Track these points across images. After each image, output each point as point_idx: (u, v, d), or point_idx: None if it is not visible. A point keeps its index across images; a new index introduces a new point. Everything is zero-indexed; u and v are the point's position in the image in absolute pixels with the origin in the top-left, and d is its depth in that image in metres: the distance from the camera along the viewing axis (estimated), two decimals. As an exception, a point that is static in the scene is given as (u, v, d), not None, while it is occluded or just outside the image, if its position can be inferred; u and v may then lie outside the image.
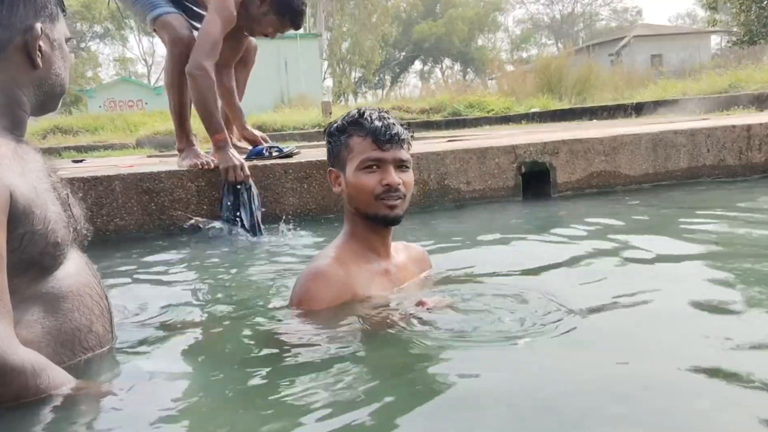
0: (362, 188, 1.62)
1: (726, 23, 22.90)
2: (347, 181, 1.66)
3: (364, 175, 1.62)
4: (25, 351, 1.12)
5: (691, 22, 48.60)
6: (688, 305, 1.60)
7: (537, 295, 1.67)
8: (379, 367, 1.32)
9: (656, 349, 1.35)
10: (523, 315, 1.52)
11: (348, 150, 1.65)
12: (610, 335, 1.45)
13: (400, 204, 1.64)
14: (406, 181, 1.65)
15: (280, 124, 12.14)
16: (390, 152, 1.62)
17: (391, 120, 1.66)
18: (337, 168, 1.70)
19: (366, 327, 1.50)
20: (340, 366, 1.30)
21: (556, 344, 1.36)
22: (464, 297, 1.68)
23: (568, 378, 1.21)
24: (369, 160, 1.61)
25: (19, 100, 1.30)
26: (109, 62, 44.95)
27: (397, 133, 1.63)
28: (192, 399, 1.22)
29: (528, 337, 1.38)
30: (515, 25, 53.67)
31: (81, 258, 1.36)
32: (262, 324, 1.63)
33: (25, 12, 1.28)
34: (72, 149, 11.33)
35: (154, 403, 1.17)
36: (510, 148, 3.68)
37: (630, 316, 1.58)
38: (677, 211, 3.15)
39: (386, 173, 1.61)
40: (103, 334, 1.34)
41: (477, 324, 1.46)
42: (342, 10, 35.18)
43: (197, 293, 2.07)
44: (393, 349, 1.42)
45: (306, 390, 1.19)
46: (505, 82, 17.50)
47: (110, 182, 3.08)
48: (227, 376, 1.32)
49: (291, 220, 3.12)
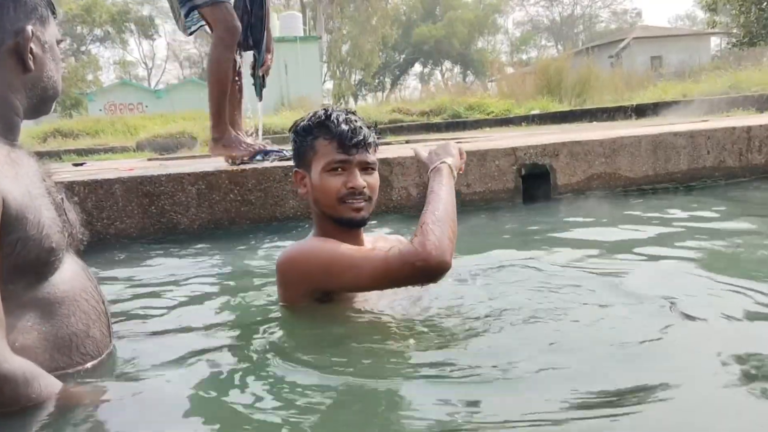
0: (327, 190, 1.62)
1: (726, 25, 22.88)
2: (312, 182, 1.65)
3: (329, 177, 1.62)
4: (17, 359, 1.10)
5: (691, 23, 48.61)
6: (689, 306, 1.60)
7: (531, 297, 1.67)
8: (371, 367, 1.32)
9: (654, 352, 1.35)
10: (514, 316, 1.52)
11: (313, 151, 1.64)
12: (607, 337, 1.45)
13: (366, 206, 1.64)
14: (371, 183, 1.64)
15: (280, 127, 12.14)
16: (356, 156, 1.61)
17: (358, 123, 1.64)
18: (302, 169, 1.70)
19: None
20: (339, 366, 1.30)
21: (553, 346, 1.36)
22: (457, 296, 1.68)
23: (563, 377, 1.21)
24: (334, 163, 1.61)
25: (12, 104, 1.29)
26: (110, 65, 45.03)
27: (364, 138, 1.62)
28: (191, 404, 1.22)
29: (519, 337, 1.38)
30: (515, 27, 53.77)
31: (77, 263, 1.35)
32: (261, 327, 1.63)
33: (16, 14, 1.27)
34: (72, 152, 11.32)
35: (152, 410, 1.16)
36: (510, 150, 3.68)
37: (626, 319, 1.58)
38: (677, 213, 3.15)
39: (351, 176, 1.61)
40: (100, 339, 1.33)
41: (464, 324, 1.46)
42: (342, 12, 35.21)
43: (197, 297, 2.07)
44: (387, 346, 1.42)
45: (305, 391, 1.19)
46: (504, 84, 17.52)
47: (110, 185, 3.08)
48: (226, 380, 1.31)
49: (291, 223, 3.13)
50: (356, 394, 1.18)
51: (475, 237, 2.77)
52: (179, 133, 11.97)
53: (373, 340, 1.47)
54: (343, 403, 1.15)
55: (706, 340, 1.39)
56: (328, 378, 1.26)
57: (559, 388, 1.16)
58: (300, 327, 1.57)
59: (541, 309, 1.63)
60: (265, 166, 3.34)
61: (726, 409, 1.08)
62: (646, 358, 1.31)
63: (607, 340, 1.43)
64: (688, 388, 1.15)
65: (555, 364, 1.29)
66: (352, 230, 1.67)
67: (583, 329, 1.50)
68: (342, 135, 1.60)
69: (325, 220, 1.68)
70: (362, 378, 1.26)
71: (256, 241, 2.97)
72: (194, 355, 1.50)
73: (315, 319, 1.58)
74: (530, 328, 1.51)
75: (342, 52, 36.71)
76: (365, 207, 1.64)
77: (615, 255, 2.31)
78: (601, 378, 1.22)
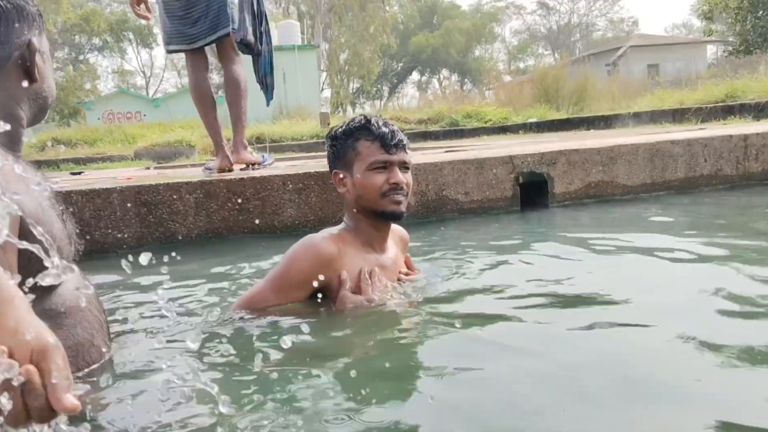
0: (371, 187, 1.77)
1: (722, 33, 23.00)
2: (355, 180, 1.80)
3: (373, 174, 1.77)
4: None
5: (687, 32, 48.90)
6: (686, 314, 1.60)
7: (526, 304, 1.66)
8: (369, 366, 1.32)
9: (653, 357, 1.35)
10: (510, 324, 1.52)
11: (355, 153, 1.80)
12: (605, 343, 1.45)
13: (404, 201, 1.80)
14: (408, 180, 1.82)
15: (278, 135, 12.16)
16: (396, 155, 1.78)
17: (394, 127, 1.82)
18: (342, 170, 1.84)
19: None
20: (337, 366, 1.30)
21: (550, 351, 1.36)
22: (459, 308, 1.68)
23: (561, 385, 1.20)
24: (378, 162, 1.77)
25: (17, 116, 1.30)
26: (108, 74, 45.15)
27: (402, 139, 1.80)
28: (191, 407, 1.21)
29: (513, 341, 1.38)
30: (512, 35, 54.04)
31: (79, 273, 1.35)
32: (260, 332, 1.63)
33: (20, 27, 1.28)
34: (70, 161, 11.33)
35: (151, 414, 1.16)
36: (508, 158, 3.69)
37: (623, 328, 1.58)
38: (675, 221, 3.15)
39: (393, 173, 1.78)
40: (103, 347, 1.35)
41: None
42: (340, 21, 35.31)
43: (195, 305, 2.07)
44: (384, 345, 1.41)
45: (305, 392, 1.19)
46: (502, 93, 17.57)
47: (108, 195, 3.08)
48: (225, 384, 1.31)
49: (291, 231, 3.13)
50: (357, 394, 1.18)
51: (471, 245, 2.77)
52: (177, 141, 11.98)
53: (371, 341, 1.47)
54: (343, 403, 1.15)
55: (705, 350, 1.39)
56: (328, 379, 1.26)
57: (546, 396, 1.16)
58: (298, 329, 1.57)
59: (537, 318, 1.63)
60: (263, 174, 3.35)
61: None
62: (641, 371, 1.31)
63: (603, 347, 1.43)
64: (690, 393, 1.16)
65: (549, 373, 1.28)
66: (383, 226, 1.85)
67: (578, 338, 1.50)
68: (384, 136, 1.77)
69: (360, 216, 1.82)
70: (364, 380, 1.26)
71: (253, 250, 2.97)
72: (192, 360, 1.50)
73: (312, 320, 1.59)
74: (524, 336, 1.51)
75: (340, 60, 36.81)
76: (403, 201, 1.80)
77: (612, 263, 2.31)
78: (598, 385, 1.21)
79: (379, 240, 1.86)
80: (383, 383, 1.28)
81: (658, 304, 1.73)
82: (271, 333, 1.61)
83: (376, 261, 1.82)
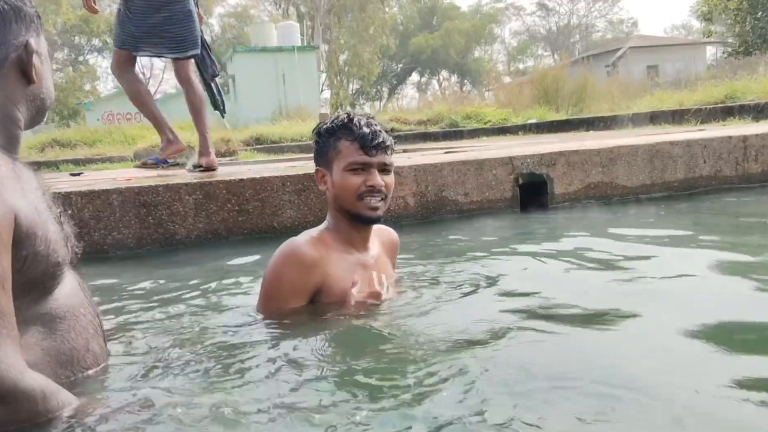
0: (347, 188, 1.74)
1: (721, 34, 23.00)
2: (333, 180, 1.77)
3: (350, 175, 1.74)
4: (35, 375, 1.10)
5: (687, 33, 48.90)
6: (684, 316, 1.60)
7: (526, 305, 1.66)
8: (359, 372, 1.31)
9: (649, 358, 1.35)
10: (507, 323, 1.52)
11: (336, 152, 1.77)
12: (602, 345, 1.45)
13: (381, 205, 1.77)
14: (387, 183, 1.78)
15: (278, 136, 12.15)
16: (375, 157, 1.74)
17: (378, 127, 1.77)
18: (323, 167, 1.82)
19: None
20: (334, 370, 1.29)
21: (546, 352, 1.36)
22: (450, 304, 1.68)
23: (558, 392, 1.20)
24: (356, 164, 1.74)
25: (14, 117, 1.29)
26: (107, 75, 45.02)
27: (383, 141, 1.75)
28: (190, 410, 1.21)
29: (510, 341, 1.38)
30: (512, 36, 53.99)
31: (74, 277, 1.34)
32: (258, 337, 1.63)
33: (18, 28, 1.27)
34: (70, 162, 11.30)
35: (150, 418, 1.16)
36: (507, 159, 3.69)
37: (620, 328, 1.58)
38: (674, 222, 3.15)
39: (370, 175, 1.74)
40: (99, 352, 1.33)
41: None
42: (339, 22, 35.30)
43: (193, 307, 2.06)
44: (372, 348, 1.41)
45: (303, 395, 1.19)
46: (502, 94, 17.55)
47: (108, 196, 3.07)
48: (224, 387, 1.31)
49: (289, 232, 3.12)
50: (357, 395, 1.18)
51: (471, 246, 2.77)
52: (177, 142, 11.93)
53: (370, 342, 1.47)
54: (343, 404, 1.14)
55: (702, 353, 1.39)
56: (328, 380, 1.26)
57: (551, 398, 1.16)
58: (296, 331, 1.57)
59: (537, 318, 1.63)
60: (263, 176, 3.34)
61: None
62: (636, 372, 1.31)
63: (604, 346, 1.43)
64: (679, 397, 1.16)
65: (551, 374, 1.28)
66: (362, 227, 1.82)
67: (575, 339, 1.50)
68: (364, 137, 1.72)
69: (342, 216, 1.80)
70: (365, 381, 1.26)
71: (253, 251, 2.96)
72: (191, 364, 1.50)
73: (310, 322, 1.59)
74: (523, 337, 1.51)
75: (340, 61, 36.79)
76: (381, 206, 1.77)
77: (612, 265, 2.31)
78: (601, 386, 1.21)
79: (361, 240, 1.84)
80: (381, 386, 1.28)
81: (659, 304, 1.73)
82: (269, 339, 1.61)
83: (358, 260, 1.80)
